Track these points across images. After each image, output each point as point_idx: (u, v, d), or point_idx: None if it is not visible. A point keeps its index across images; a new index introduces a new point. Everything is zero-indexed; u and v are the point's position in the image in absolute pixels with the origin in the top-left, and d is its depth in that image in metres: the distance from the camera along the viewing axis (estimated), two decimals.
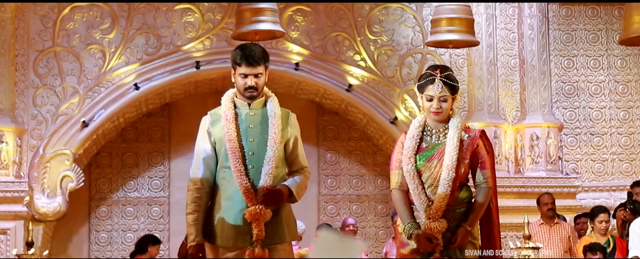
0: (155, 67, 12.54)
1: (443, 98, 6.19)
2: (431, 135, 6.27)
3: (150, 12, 12.60)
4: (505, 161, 12.59)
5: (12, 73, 12.27)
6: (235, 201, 5.83)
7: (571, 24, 13.13)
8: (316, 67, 12.76)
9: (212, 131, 5.92)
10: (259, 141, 5.88)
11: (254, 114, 5.94)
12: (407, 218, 6.20)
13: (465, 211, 6.17)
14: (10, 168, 12.09)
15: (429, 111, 6.22)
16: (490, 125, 12.48)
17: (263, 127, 5.91)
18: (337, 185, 14.03)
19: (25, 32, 12.42)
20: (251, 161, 5.86)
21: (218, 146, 5.91)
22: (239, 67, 5.89)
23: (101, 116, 12.46)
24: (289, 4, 12.73)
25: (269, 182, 5.82)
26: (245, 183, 5.77)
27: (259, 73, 5.88)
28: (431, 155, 6.20)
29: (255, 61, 5.87)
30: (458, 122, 6.26)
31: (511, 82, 12.84)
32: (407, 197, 6.26)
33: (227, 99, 5.99)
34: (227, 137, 5.84)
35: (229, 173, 5.84)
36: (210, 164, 5.91)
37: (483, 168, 6.22)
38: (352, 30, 12.83)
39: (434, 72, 6.24)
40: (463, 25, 11.11)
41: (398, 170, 6.28)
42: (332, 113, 13.86)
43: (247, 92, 5.90)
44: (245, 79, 5.88)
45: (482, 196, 6.19)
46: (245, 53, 5.89)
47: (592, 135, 13.06)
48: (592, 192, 12.81)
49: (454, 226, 6.14)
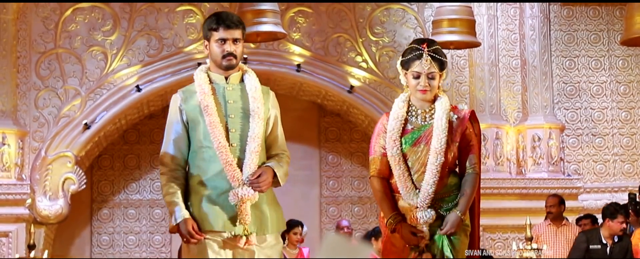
0: (156, 68, 12.54)
1: (431, 74, 5.68)
2: (416, 116, 5.77)
3: (151, 14, 12.60)
4: (507, 163, 12.59)
5: (14, 75, 12.27)
6: (218, 182, 5.33)
7: (572, 24, 13.13)
8: (318, 68, 12.76)
9: (185, 108, 5.42)
10: (240, 117, 5.41)
11: (232, 89, 5.46)
12: (389, 209, 5.70)
13: (454, 199, 5.68)
14: (12, 170, 12.09)
15: (415, 89, 5.70)
16: (492, 126, 12.48)
17: (243, 102, 5.44)
18: (339, 187, 14.02)
19: (27, 34, 12.42)
20: (233, 139, 5.36)
21: (192, 125, 5.41)
22: (215, 33, 5.42)
23: (103, 118, 12.46)
24: (291, 5, 12.73)
25: (256, 161, 5.33)
26: (229, 159, 5.28)
27: (237, 38, 5.43)
28: (418, 137, 5.71)
29: (234, 24, 5.44)
30: (446, 102, 5.75)
31: (513, 83, 12.84)
32: (387, 186, 5.77)
33: (200, 73, 5.47)
34: (207, 111, 5.34)
35: (208, 153, 5.34)
36: (181, 145, 5.41)
37: (471, 153, 5.75)
38: (354, 31, 12.83)
39: (421, 46, 5.72)
40: (464, 26, 11.12)
41: (378, 155, 5.77)
42: (334, 115, 13.86)
43: (226, 60, 5.41)
44: (224, 45, 5.41)
45: (471, 182, 5.71)
46: (222, 17, 5.46)
47: (593, 136, 13.06)
48: (594, 193, 12.81)
49: (443, 213, 5.65)
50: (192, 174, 5.41)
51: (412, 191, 5.65)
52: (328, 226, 13.74)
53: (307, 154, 13.79)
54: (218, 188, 5.34)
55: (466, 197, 5.67)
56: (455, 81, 12.72)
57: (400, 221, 5.64)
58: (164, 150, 5.47)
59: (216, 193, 5.34)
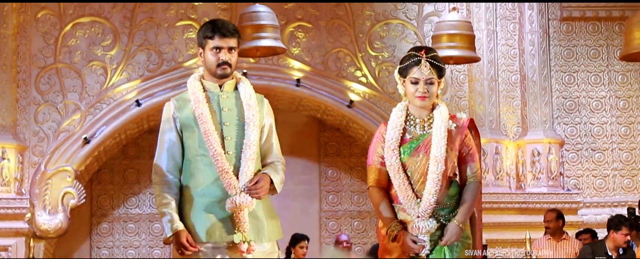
0: (156, 83, 12.55)
1: (430, 80, 5.63)
2: (415, 125, 5.71)
3: (151, 29, 12.62)
4: (507, 177, 12.58)
5: (14, 90, 12.28)
6: (213, 191, 5.25)
7: (572, 39, 13.14)
8: (317, 83, 12.77)
9: (178, 116, 5.35)
10: (235, 125, 5.33)
11: (226, 97, 5.38)
12: (390, 219, 5.61)
13: (454, 208, 5.61)
14: (12, 184, 12.09)
15: (414, 96, 5.66)
16: (491, 141, 12.49)
17: (238, 110, 5.36)
18: (339, 201, 14.02)
19: (27, 49, 12.44)
20: (229, 147, 5.28)
21: (187, 134, 5.33)
22: (210, 41, 5.33)
23: (103, 132, 12.47)
24: (291, 20, 12.75)
25: (252, 168, 5.26)
26: (225, 167, 5.20)
27: (232, 47, 5.34)
28: (417, 147, 5.64)
29: (229, 32, 5.34)
30: (445, 110, 5.70)
31: (512, 97, 12.85)
32: (387, 195, 5.68)
33: (193, 81, 5.41)
34: (201, 119, 5.26)
35: (204, 161, 5.27)
36: (175, 154, 5.32)
37: (472, 161, 5.67)
38: (353, 46, 12.85)
39: (419, 53, 5.68)
40: (464, 42, 11.12)
41: (377, 165, 5.72)
42: (334, 130, 13.86)
43: (220, 69, 5.33)
44: (219, 53, 5.32)
45: (472, 191, 5.64)
46: (218, 25, 5.36)
47: (593, 151, 13.06)
48: (593, 208, 12.80)
49: (444, 222, 5.57)
50: (186, 183, 5.33)
51: (413, 200, 5.57)
52: (328, 241, 13.73)
53: (307, 168, 13.79)
54: (214, 197, 5.26)
55: (466, 206, 5.60)
56: (454, 96, 12.73)
57: (402, 229, 5.57)
58: (158, 159, 5.38)
59: (212, 201, 5.27)
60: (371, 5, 12.88)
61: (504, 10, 12.87)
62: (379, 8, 12.90)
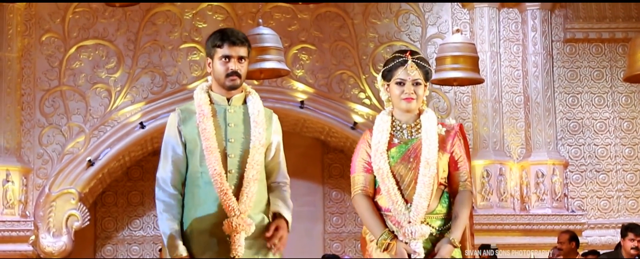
0: (160, 105, 12.57)
1: (416, 81, 5.33)
2: (402, 130, 5.41)
3: (155, 51, 12.65)
4: (511, 199, 12.57)
5: (18, 112, 12.31)
6: (213, 211, 5.01)
7: (575, 61, 13.15)
8: (321, 105, 12.78)
9: (182, 129, 5.09)
10: (240, 142, 5.08)
11: (234, 111, 5.13)
12: (380, 228, 5.28)
13: (446, 219, 5.30)
14: (16, 207, 12.10)
15: (400, 99, 5.35)
16: (495, 162, 12.48)
17: (245, 127, 5.11)
18: (343, 223, 14.01)
19: (32, 72, 12.47)
20: (231, 165, 5.03)
21: (190, 147, 5.06)
22: (219, 50, 5.09)
23: (107, 155, 12.48)
24: (294, 42, 12.78)
25: (254, 189, 5.02)
26: (224, 188, 4.96)
27: (242, 56, 5.10)
28: (406, 151, 5.34)
29: (239, 40, 5.10)
30: (432, 115, 5.43)
31: (516, 119, 12.85)
32: (373, 203, 5.36)
33: (201, 92, 5.15)
34: (204, 135, 5.01)
35: (204, 179, 5.03)
36: (180, 167, 5.07)
37: (462, 168, 5.38)
38: (357, 68, 12.87)
39: (404, 55, 5.41)
40: (467, 63, 11.12)
41: (362, 172, 5.43)
42: (337, 151, 13.87)
43: (229, 80, 5.08)
44: (228, 63, 5.08)
45: (465, 201, 5.33)
46: (227, 33, 5.11)
47: (597, 172, 13.04)
48: (598, 229, 12.77)
49: (435, 235, 5.28)
50: (187, 200, 5.10)
51: (402, 206, 5.26)
52: None
53: (311, 190, 13.78)
54: (213, 218, 5.03)
55: (459, 221, 5.30)
56: (458, 117, 12.73)
57: (395, 238, 5.26)
58: (161, 172, 5.12)
59: (211, 223, 5.03)
60: (374, 27, 12.91)
61: (507, 32, 12.89)
62: (382, 30, 12.93)
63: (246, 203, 5.04)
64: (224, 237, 5.02)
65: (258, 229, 5.10)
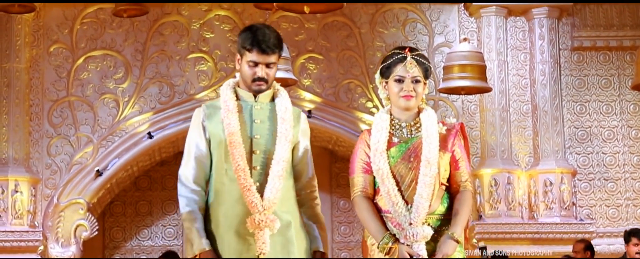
0: (168, 115, 12.58)
1: (416, 79, 5.20)
2: (401, 129, 5.26)
3: (163, 62, 12.67)
4: (519, 208, 12.55)
5: (27, 123, 12.33)
6: (237, 208, 4.90)
7: (583, 69, 13.14)
8: (329, 114, 12.79)
9: (207, 125, 4.97)
10: (266, 139, 4.96)
11: (260, 108, 5.01)
12: (381, 231, 5.13)
13: (446, 217, 5.18)
14: (25, 217, 12.11)
15: (398, 96, 5.22)
16: (503, 171, 12.47)
17: (271, 123, 4.99)
18: (351, 232, 14.00)
19: (40, 82, 12.50)
20: (256, 161, 4.91)
21: (214, 144, 4.95)
22: (248, 53, 4.93)
23: (115, 165, 12.49)
24: (302, 52, 12.79)
25: (279, 186, 4.91)
26: (248, 184, 4.84)
27: (271, 62, 4.96)
28: (406, 150, 5.18)
29: (270, 48, 4.92)
30: (432, 113, 5.28)
31: (524, 128, 12.83)
32: (374, 205, 5.22)
33: (227, 88, 5.03)
34: (229, 130, 4.89)
35: (229, 175, 4.92)
36: (205, 163, 4.95)
37: (463, 167, 5.24)
38: (364, 77, 12.87)
39: (403, 51, 5.28)
40: (475, 72, 11.13)
41: (361, 173, 5.28)
42: (345, 160, 13.86)
43: (255, 85, 4.96)
44: (255, 68, 4.93)
45: (466, 200, 5.19)
46: (258, 37, 4.91)
47: (606, 181, 13.02)
48: (606, 238, 12.75)
49: (435, 235, 5.14)
50: (211, 198, 4.97)
51: (403, 207, 5.12)
52: None
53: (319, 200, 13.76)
54: (237, 215, 4.92)
55: (459, 217, 5.14)
56: (466, 126, 12.71)
57: (396, 241, 5.11)
58: (184, 168, 5.00)
59: (236, 220, 4.92)
60: (382, 36, 12.92)
61: (514, 41, 12.88)
62: (389, 39, 12.93)
63: (270, 200, 4.92)
64: (249, 234, 4.90)
65: (283, 226, 4.98)
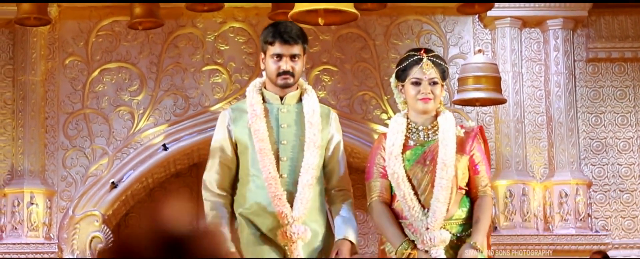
0: (183, 127, 12.61)
1: (433, 80, 5.07)
2: (418, 133, 5.14)
3: (178, 74, 12.70)
4: (534, 219, 12.52)
5: (42, 135, 12.37)
6: (265, 217, 4.76)
7: (598, 80, 13.11)
8: (343, 126, 12.60)
9: (233, 129, 4.85)
10: (293, 145, 4.86)
11: (287, 111, 4.91)
12: (399, 237, 5.02)
13: (465, 222, 5.06)
14: (40, 229, 12.14)
15: (416, 99, 5.08)
16: (518, 182, 12.45)
17: (298, 128, 4.90)
18: (366, 244, 13.98)
19: (55, 95, 12.54)
20: (283, 169, 4.81)
21: (241, 149, 4.83)
22: (271, 47, 4.83)
23: (130, 177, 12.52)
24: (316, 64, 12.80)
25: (308, 196, 4.78)
26: (279, 193, 4.71)
27: (295, 54, 4.86)
28: (422, 154, 5.08)
29: (292, 38, 4.84)
30: (450, 116, 5.17)
31: (539, 139, 12.81)
32: (391, 211, 5.12)
33: (253, 90, 4.91)
34: (257, 137, 4.75)
35: (256, 182, 4.77)
36: (231, 168, 4.83)
37: (482, 172, 5.13)
38: (379, 89, 12.87)
39: (419, 53, 5.17)
40: (490, 83, 11.12)
41: (378, 178, 5.18)
42: (360, 172, 13.79)
43: (281, 79, 4.87)
44: (279, 62, 4.84)
45: (486, 206, 5.04)
46: (280, 29, 4.84)
47: (621, 192, 12.98)
48: (622, 249, 12.71)
49: (456, 242, 5.05)
50: (237, 205, 4.85)
51: (420, 211, 5.02)
52: None
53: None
54: (265, 224, 4.80)
55: (480, 225, 5.02)
56: None
57: (415, 247, 5.01)
58: (209, 174, 4.89)
59: (263, 229, 4.79)
60: (396, 47, 12.92)
61: (529, 52, 12.87)
62: (404, 50, 12.81)
63: (300, 210, 4.80)
64: (278, 245, 4.78)
65: (312, 236, 4.86)
